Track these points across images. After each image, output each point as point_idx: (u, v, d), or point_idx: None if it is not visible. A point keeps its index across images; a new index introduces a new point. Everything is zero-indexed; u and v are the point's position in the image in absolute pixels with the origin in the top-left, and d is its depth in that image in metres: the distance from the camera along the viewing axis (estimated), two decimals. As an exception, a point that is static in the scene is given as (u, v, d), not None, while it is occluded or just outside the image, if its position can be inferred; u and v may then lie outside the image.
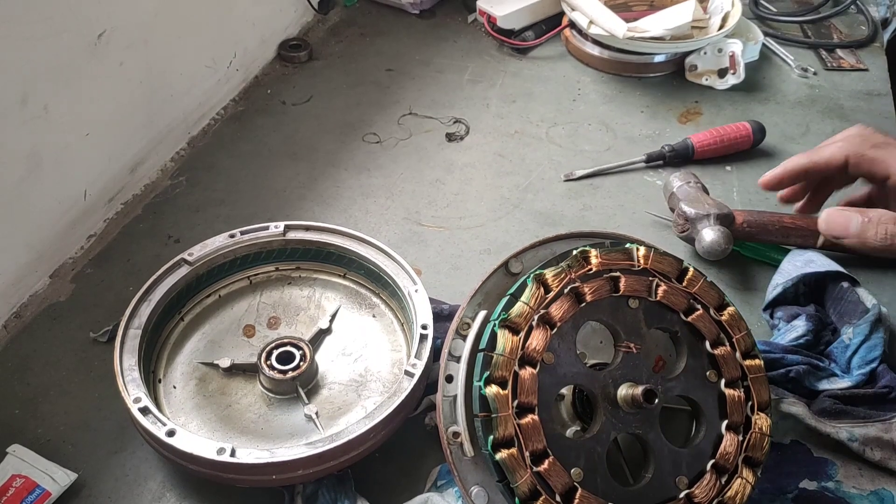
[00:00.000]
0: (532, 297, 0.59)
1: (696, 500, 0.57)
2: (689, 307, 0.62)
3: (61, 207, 0.83)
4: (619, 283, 0.61)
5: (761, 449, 0.59)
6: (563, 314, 0.59)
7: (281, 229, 0.76)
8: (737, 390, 0.61)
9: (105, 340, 0.75)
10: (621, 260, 0.62)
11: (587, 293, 0.60)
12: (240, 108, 1.10)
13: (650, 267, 0.62)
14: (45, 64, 0.76)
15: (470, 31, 1.29)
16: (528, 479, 0.54)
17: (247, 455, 0.57)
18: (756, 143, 1.00)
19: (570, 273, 0.60)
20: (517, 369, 0.56)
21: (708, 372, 0.61)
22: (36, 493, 0.61)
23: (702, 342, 0.61)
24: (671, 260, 0.63)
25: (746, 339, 0.62)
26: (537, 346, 0.57)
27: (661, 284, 0.61)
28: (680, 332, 0.61)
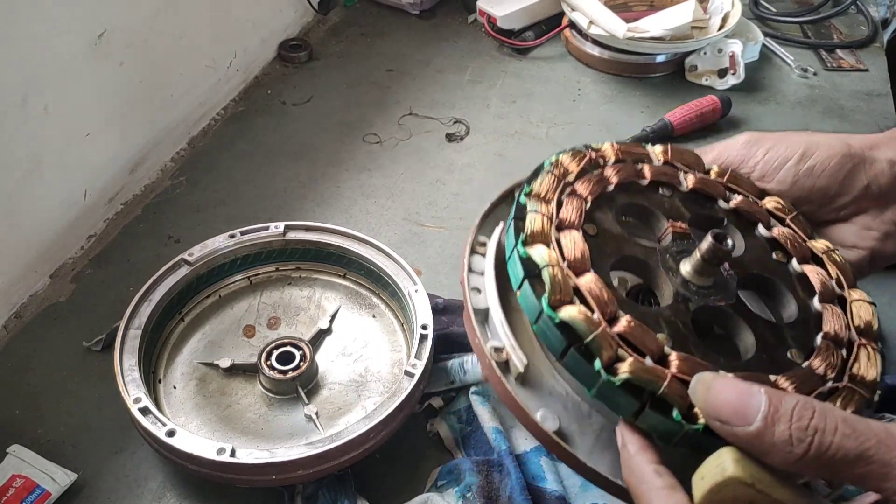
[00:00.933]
0: (555, 168, 0.51)
1: (818, 372, 0.44)
2: (727, 195, 0.54)
3: (61, 207, 0.83)
4: (643, 171, 0.53)
5: (871, 319, 0.48)
6: (590, 190, 0.50)
7: (281, 229, 0.76)
8: (814, 266, 0.51)
9: (99, 349, 0.75)
10: (639, 150, 0.55)
11: (611, 176, 0.52)
12: (240, 108, 1.10)
13: (671, 160, 0.55)
14: (45, 64, 0.76)
15: (470, 31, 1.29)
16: (607, 337, 0.41)
17: (247, 455, 0.57)
18: (724, 114, 1.06)
19: (590, 153, 0.53)
20: (557, 235, 0.46)
21: (774, 253, 0.51)
22: (36, 493, 0.61)
23: (752, 227, 0.53)
24: (691, 153, 0.56)
25: (802, 221, 0.54)
26: (571, 216, 0.47)
27: (691, 173, 0.54)
28: (726, 219, 0.52)
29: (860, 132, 1.07)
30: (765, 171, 0.55)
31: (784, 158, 0.54)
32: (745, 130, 1.04)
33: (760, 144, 0.55)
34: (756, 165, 0.55)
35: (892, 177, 0.52)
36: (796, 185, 0.54)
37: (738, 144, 0.56)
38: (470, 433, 0.66)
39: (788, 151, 0.54)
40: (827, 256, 0.52)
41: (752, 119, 1.08)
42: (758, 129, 1.05)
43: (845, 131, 1.04)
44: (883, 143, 0.54)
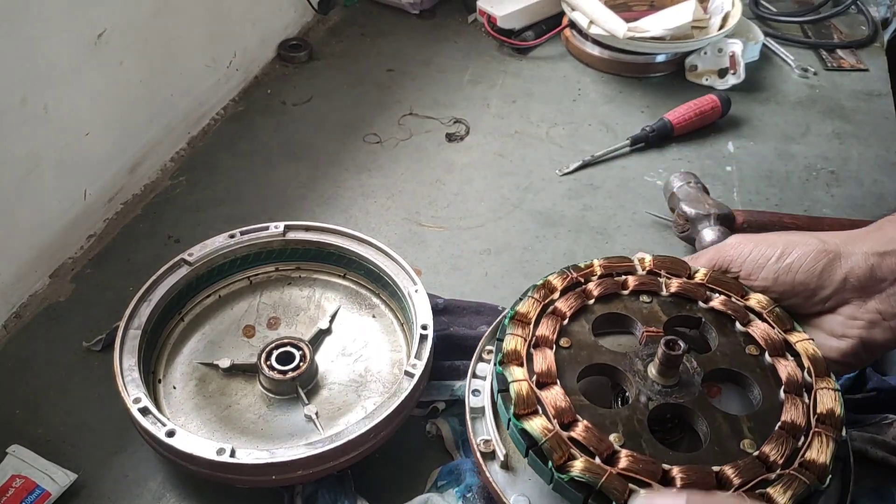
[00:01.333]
0: (537, 292, 0.59)
1: (770, 459, 0.49)
2: (707, 297, 0.59)
3: (61, 207, 0.83)
4: (626, 282, 0.60)
5: (834, 407, 0.52)
6: (570, 306, 0.58)
7: (281, 229, 0.76)
8: (786, 359, 0.55)
9: (99, 349, 0.75)
10: (624, 263, 0.62)
11: (593, 289, 0.59)
12: (240, 108, 1.10)
13: (655, 269, 0.61)
14: (45, 64, 0.76)
15: (470, 31, 1.28)
16: (556, 439, 0.49)
17: (246, 455, 0.57)
18: (724, 113, 1.05)
19: (572, 273, 0.60)
20: (532, 350, 0.54)
21: (747, 347, 0.57)
22: (36, 493, 0.61)
23: (731, 324, 0.58)
24: (677, 261, 0.62)
25: (780, 315, 0.58)
26: (547, 332, 0.56)
27: (672, 279, 0.60)
28: (703, 317, 0.59)
29: (860, 132, 1.08)
30: (750, 270, 0.60)
31: (766, 258, 0.59)
32: (743, 129, 1.06)
33: (745, 245, 0.61)
34: (743, 265, 0.60)
35: (867, 269, 0.56)
36: (778, 282, 0.59)
37: (727, 247, 0.62)
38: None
39: (769, 251, 0.59)
40: (801, 347, 0.56)
41: (752, 119, 1.08)
42: (757, 129, 1.06)
43: (845, 131, 1.05)
44: (860, 237, 0.58)
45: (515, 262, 0.86)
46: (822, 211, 0.92)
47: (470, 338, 0.72)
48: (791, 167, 0.99)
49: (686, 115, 1.03)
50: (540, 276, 0.83)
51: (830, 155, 1.01)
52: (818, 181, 0.97)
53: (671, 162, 1.00)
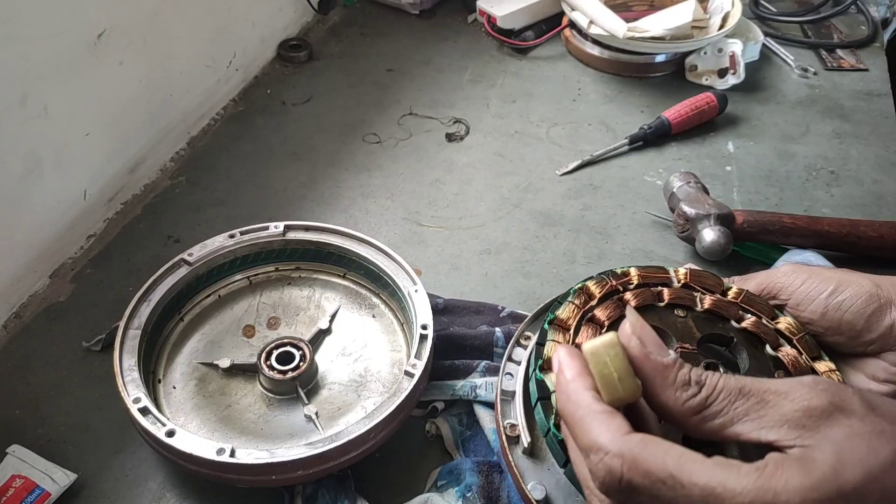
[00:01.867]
0: (577, 298, 0.59)
1: None
2: (740, 316, 0.60)
3: (61, 207, 0.83)
4: (662, 294, 0.60)
5: None
6: (608, 315, 0.58)
7: (281, 229, 0.76)
8: None
9: (99, 349, 0.75)
10: (660, 274, 0.62)
11: (631, 300, 0.59)
12: (240, 108, 1.10)
13: (691, 282, 0.62)
14: (45, 64, 0.76)
15: (470, 31, 1.29)
16: None
17: (246, 455, 0.57)
18: (721, 110, 1.05)
19: (612, 281, 0.61)
20: None
21: (776, 373, 0.57)
22: (36, 493, 0.61)
23: (761, 346, 0.59)
24: (712, 276, 0.63)
25: (809, 342, 0.59)
26: (587, 340, 0.56)
27: (706, 296, 0.61)
28: (735, 337, 0.59)
29: (860, 132, 1.08)
30: (799, 301, 0.59)
31: (817, 292, 0.58)
32: (743, 129, 1.06)
33: (798, 275, 0.60)
34: (793, 294, 0.60)
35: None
36: (826, 317, 0.58)
37: (780, 274, 0.61)
38: (470, 437, 0.66)
39: (822, 286, 0.58)
40: (826, 377, 0.56)
41: (752, 118, 1.08)
42: (757, 129, 1.06)
43: (845, 131, 1.05)
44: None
45: (515, 261, 0.86)
46: (822, 211, 0.92)
47: (470, 337, 0.72)
48: (791, 167, 0.99)
49: (683, 112, 1.03)
50: (540, 276, 0.84)
51: (830, 155, 1.01)
52: (818, 181, 0.97)
53: (671, 162, 1.00)
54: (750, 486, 0.37)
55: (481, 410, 0.67)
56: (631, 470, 0.39)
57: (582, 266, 0.85)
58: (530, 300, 0.81)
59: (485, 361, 0.70)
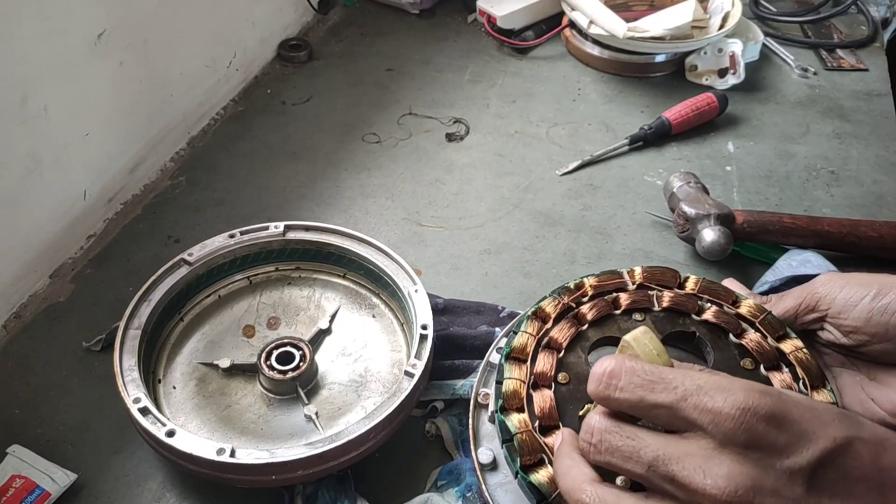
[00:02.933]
0: (530, 326, 0.59)
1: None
2: (699, 308, 0.60)
3: (61, 207, 0.83)
4: (618, 301, 0.60)
5: None
6: (565, 336, 0.58)
7: (281, 229, 0.76)
8: (781, 372, 0.56)
9: (99, 349, 0.75)
10: (615, 279, 0.62)
11: (587, 313, 0.59)
12: (240, 108, 1.10)
13: (645, 282, 0.61)
14: (45, 64, 0.76)
15: (470, 30, 1.29)
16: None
17: (246, 455, 0.57)
18: (721, 110, 1.05)
19: (563, 299, 0.60)
20: (531, 392, 0.55)
21: (742, 361, 0.57)
22: (36, 493, 0.61)
23: (725, 336, 0.59)
24: (667, 270, 0.62)
25: (772, 322, 0.59)
26: (545, 368, 0.56)
27: (663, 293, 0.60)
28: (697, 331, 0.59)
29: (860, 131, 1.08)
30: (840, 309, 0.57)
31: (858, 297, 0.56)
32: (743, 129, 1.06)
33: (836, 283, 0.58)
34: (832, 302, 0.57)
35: None
36: (871, 322, 0.55)
37: (817, 285, 0.59)
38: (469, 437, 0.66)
39: (862, 290, 0.56)
40: (794, 356, 0.56)
41: (752, 118, 1.08)
42: (757, 129, 1.06)
43: (845, 131, 1.05)
44: None
45: (515, 261, 0.86)
46: (822, 211, 0.92)
47: (470, 338, 0.72)
48: (791, 167, 0.99)
49: (683, 113, 1.03)
50: (540, 276, 0.84)
51: (830, 155, 1.01)
52: (818, 181, 0.97)
53: (671, 162, 1.00)
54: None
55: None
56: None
57: (582, 266, 0.85)
58: (530, 300, 0.81)
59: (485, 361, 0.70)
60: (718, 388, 0.38)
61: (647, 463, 0.39)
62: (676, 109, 1.03)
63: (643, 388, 0.40)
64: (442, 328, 0.72)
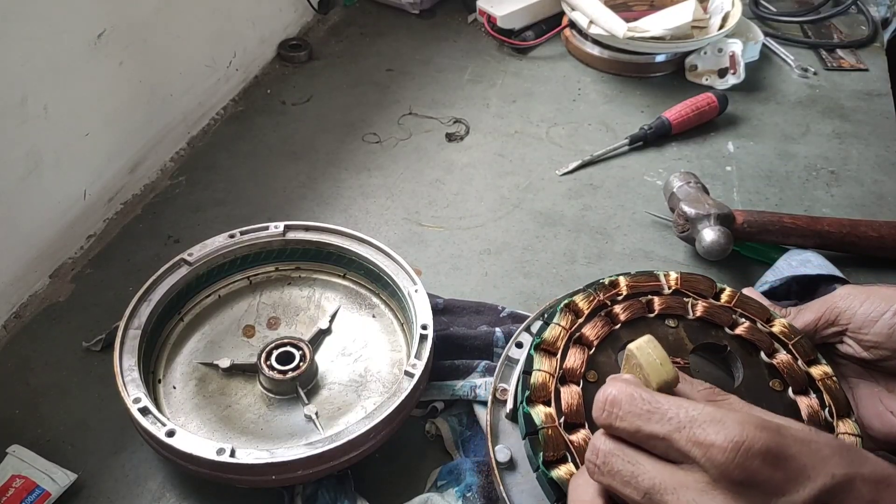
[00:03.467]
0: (563, 319, 0.58)
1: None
2: (733, 321, 0.58)
3: (61, 207, 0.83)
4: (652, 303, 0.59)
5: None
6: (597, 334, 0.57)
7: (281, 229, 0.76)
8: (808, 397, 0.55)
9: (98, 349, 0.75)
10: (651, 282, 0.61)
11: (620, 313, 0.58)
12: (239, 107, 1.10)
13: (681, 288, 0.60)
14: (44, 64, 0.76)
15: (470, 30, 1.28)
16: None
17: (246, 455, 0.57)
18: (721, 110, 1.05)
19: (599, 295, 0.59)
20: (559, 386, 0.54)
21: (771, 382, 0.56)
22: (36, 493, 0.61)
23: (756, 353, 0.57)
24: (704, 279, 0.61)
25: (804, 344, 0.57)
26: (575, 364, 0.55)
27: (698, 302, 0.59)
28: (729, 345, 0.58)
29: (860, 131, 1.08)
30: (861, 324, 0.56)
31: (879, 312, 0.56)
32: (743, 129, 1.06)
33: (857, 297, 0.57)
34: (853, 317, 0.57)
35: None
36: (892, 338, 0.55)
37: (837, 298, 0.59)
38: (470, 437, 0.66)
39: (884, 305, 0.56)
40: (822, 384, 0.55)
41: (752, 118, 1.08)
42: (757, 129, 1.06)
43: (846, 131, 1.05)
44: None
45: (515, 261, 0.86)
46: (822, 211, 0.92)
47: (470, 337, 0.72)
48: (791, 167, 0.99)
49: (683, 113, 1.03)
50: (540, 275, 0.84)
51: (830, 155, 1.01)
52: (818, 181, 0.97)
53: (671, 162, 1.00)
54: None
55: (481, 410, 0.67)
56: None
57: (582, 266, 0.85)
58: (530, 300, 0.81)
59: (485, 361, 0.70)
60: (712, 420, 0.37)
61: (643, 490, 0.39)
62: (676, 109, 1.03)
63: (640, 417, 0.39)
64: (442, 328, 0.72)
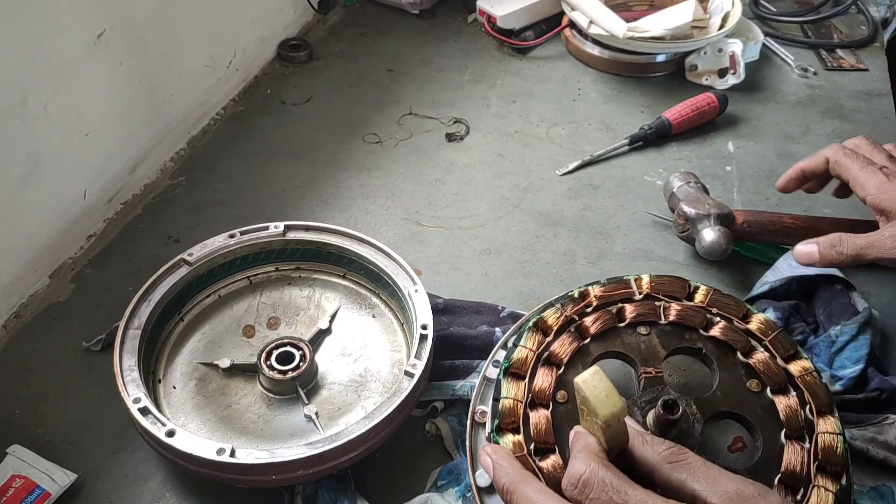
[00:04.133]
0: (530, 339, 0.57)
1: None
2: (707, 322, 0.58)
3: (61, 207, 0.83)
4: (623, 312, 0.58)
5: (835, 453, 0.52)
6: (566, 351, 0.56)
7: (281, 229, 0.76)
8: (787, 396, 0.55)
9: (98, 349, 0.75)
10: (621, 289, 0.60)
11: (590, 326, 0.58)
12: (239, 107, 1.10)
13: (652, 292, 0.60)
14: (44, 64, 0.76)
15: (470, 30, 1.28)
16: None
17: (246, 455, 0.57)
18: (721, 110, 1.05)
19: (566, 310, 0.59)
20: (529, 411, 0.54)
21: (748, 382, 0.55)
22: (35, 493, 0.61)
23: (732, 354, 0.57)
24: (675, 280, 0.60)
25: (783, 340, 0.57)
26: (543, 386, 0.55)
27: (670, 305, 0.58)
28: (704, 348, 0.57)
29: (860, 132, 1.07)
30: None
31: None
32: (743, 129, 1.05)
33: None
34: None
35: None
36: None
37: (887, 236, 0.60)
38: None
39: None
40: (802, 381, 0.55)
41: (752, 118, 1.08)
42: (757, 129, 1.06)
43: (846, 131, 1.05)
44: None
45: (515, 261, 0.86)
46: (823, 210, 0.92)
47: (470, 337, 0.72)
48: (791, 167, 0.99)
49: (683, 113, 1.03)
50: (539, 275, 0.84)
51: (830, 155, 1.01)
52: (818, 181, 0.97)
53: (671, 162, 1.00)
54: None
55: (481, 410, 0.67)
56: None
57: (582, 266, 0.85)
58: (530, 300, 0.81)
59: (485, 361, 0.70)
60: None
61: None
62: (676, 109, 1.03)
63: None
64: (442, 328, 0.72)
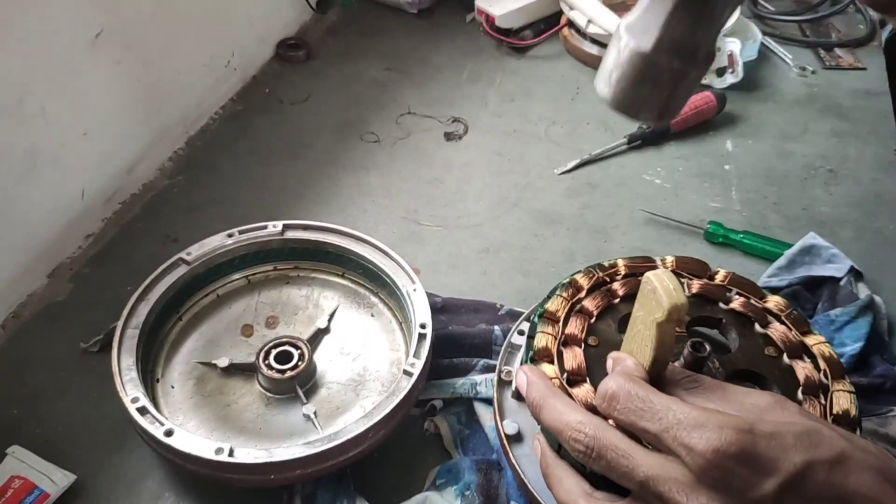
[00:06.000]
0: (565, 291, 0.61)
1: None
2: (728, 298, 0.62)
3: (59, 207, 0.83)
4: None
5: (848, 405, 0.55)
6: (597, 305, 0.60)
7: (279, 228, 0.76)
8: (803, 361, 0.58)
9: (96, 350, 0.75)
10: (647, 263, 0.64)
11: (619, 289, 0.62)
12: (238, 107, 1.10)
13: (676, 269, 0.64)
14: (42, 63, 0.76)
15: (468, 30, 1.28)
16: None
17: (245, 455, 0.57)
18: (720, 108, 1.05)
19: (599, 273, 0.63)
20: (562, 348, 0.57)
21: (766, 349, 0.59)
22: (35, 494, 0.61)
23: (750, 325, 0.60)
24: (697, 262, 0.64)
25: (797, 318, 0.61)
26: (576, 330, 0.58)
27: (693, 280, 0.63)
28: (724, 318, 0.61)
29: (858, 130, 1.08)
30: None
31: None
32: (742, 128, 1.05)
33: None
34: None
35: None
36: None
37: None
38: (469, 435, 0.66)
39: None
40: (817, 350, 0.58)
41: (750, 117, 1.08)
42: (756, 128, 1.06)
43: (844, 130, 1.05)
44: None
45: (514, 260, 0.86)
46: (821, 209, 0.92)
47: (468, 336, 0.72)
48: (789, 166, 0.99)
49: (682, 113, 1.03)
50: (538, 274, 0.84)
51: (829, 153, 1.01)
52: (816, 179, 0.97)
53: (669, 160, 1.00)
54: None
55: (481, 408, 0.67)
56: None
57: (581, 265, 0.84)
58: (529, 299, 0.80)
59: (484, 359, 0.70)
60: (695, 424, 0.42)
61: (638, 482, 0.44)
62: None
63: (635, 413, 0.45)
64: (440, 327, 0.72)
